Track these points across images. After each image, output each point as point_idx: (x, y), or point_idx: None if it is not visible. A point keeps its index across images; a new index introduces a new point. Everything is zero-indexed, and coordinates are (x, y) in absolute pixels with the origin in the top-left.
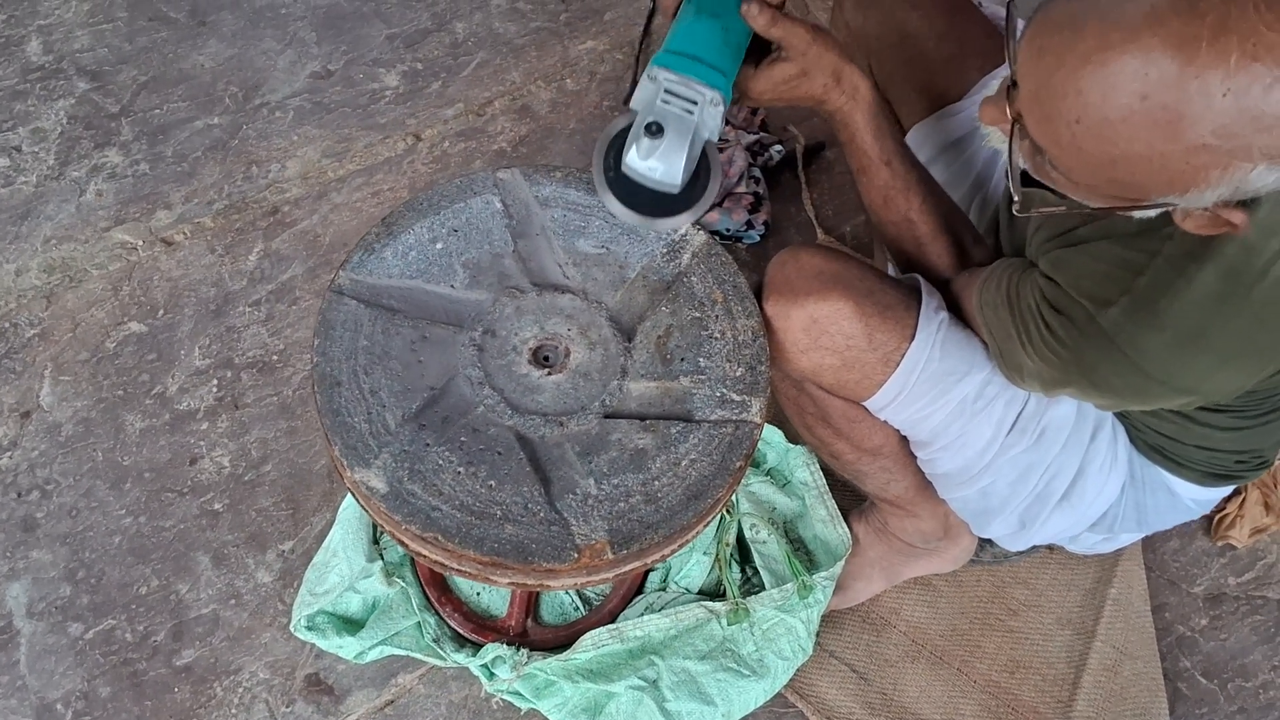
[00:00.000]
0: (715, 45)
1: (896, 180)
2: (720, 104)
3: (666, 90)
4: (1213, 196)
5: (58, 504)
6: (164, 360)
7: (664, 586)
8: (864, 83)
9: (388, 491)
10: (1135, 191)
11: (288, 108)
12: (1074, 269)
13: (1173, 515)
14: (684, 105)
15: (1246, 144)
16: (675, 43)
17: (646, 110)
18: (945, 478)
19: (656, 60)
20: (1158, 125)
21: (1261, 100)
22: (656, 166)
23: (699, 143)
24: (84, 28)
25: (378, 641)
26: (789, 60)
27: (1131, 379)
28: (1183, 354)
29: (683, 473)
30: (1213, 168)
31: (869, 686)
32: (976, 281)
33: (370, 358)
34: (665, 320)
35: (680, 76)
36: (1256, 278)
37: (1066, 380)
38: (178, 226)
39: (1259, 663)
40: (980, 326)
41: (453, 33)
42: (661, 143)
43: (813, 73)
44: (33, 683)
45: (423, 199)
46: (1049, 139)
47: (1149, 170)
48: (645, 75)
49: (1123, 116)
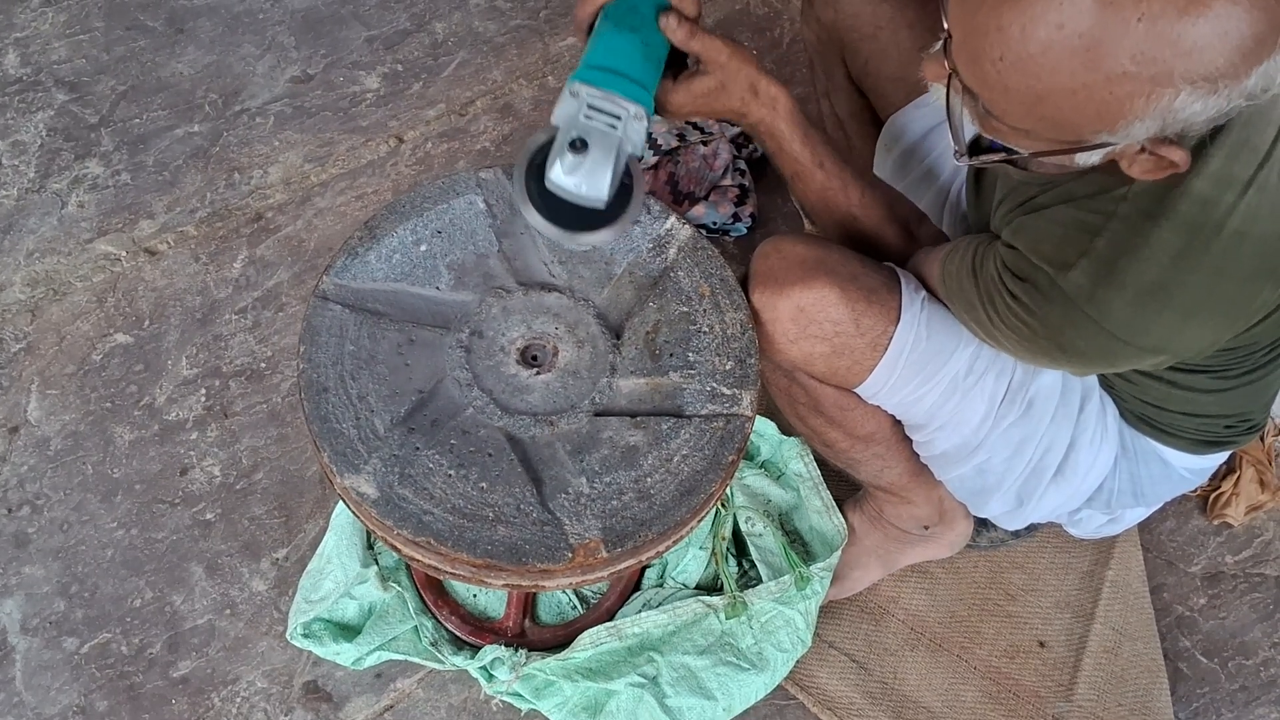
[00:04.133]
0: (636, 59)
1: (833, 180)
2: (644, 118)
3: (590, 105)
4: (1143, 130)
5: (49, 518)
6: (151, 371)
7: (661, 583)
8: (781, 93)
9: (378, 497)
10: (1069, 130)
11: (268, 113)
12: (1033, 234)
13: (1168, 486)
14: (608, 120)
15: (1167, 69)
16: (595, 57)
17: (569, 126)
18: (943, 457)
19: (577, 75)
20: (1076, 55)
21: (1177, 24)
22: (582, 182)
23: (623, 157)
24: (61, 39)
25: (375, 647)
26: (707, 74)
27: (1097, 340)
28: (1144, 312)
29: (675, 468)
30: (1136, 96)
31: (869, 676)
32: (938, 256)
33: (357, 363)
34: (653, 316)
35: (603, 92)
36: (1213, 232)
37: (1035, 348)
38: (161, 236)
39: (1259, 640)
40: (945, 298)
41: (432, 33)
42: (586, 158)
43: (730, 86)
44: (29, 699)
45: (405, 201)
46: (978, 81)
47: (1074, 103)
48: (566, 90)
49: (1042, 48)
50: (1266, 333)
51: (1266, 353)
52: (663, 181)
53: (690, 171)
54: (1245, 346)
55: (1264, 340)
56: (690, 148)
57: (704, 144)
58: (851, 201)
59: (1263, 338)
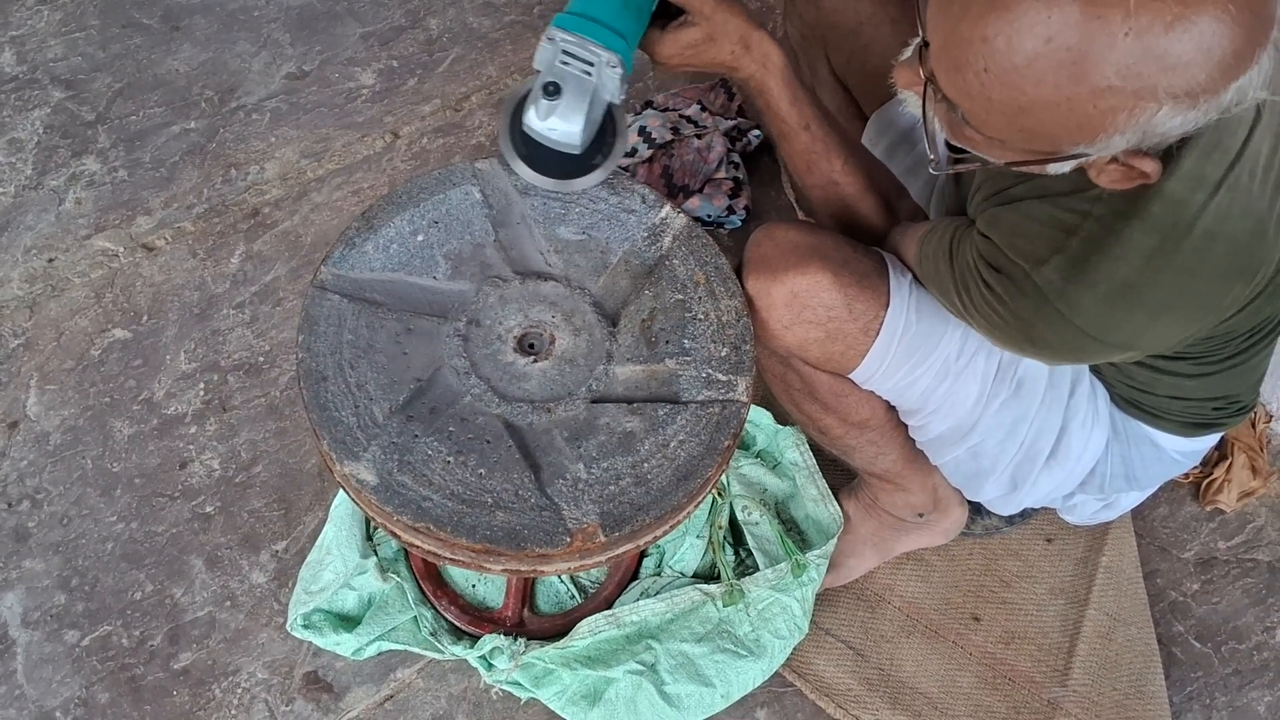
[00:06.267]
0: (615, 7)
1: (816, 144)
2: (618, 65)
3: (564, 51)
4: (1121, 143)
5: (49, 513)
6: (150, 366)
7: (659, 571)
8: (775, 49)
9: (378, 484)
10: (1047, 142)
11: (264, 110)
12: (1008, 227)
13: (1160, 469)
14: (581, 66)
15: (1151, 84)
16: (576, 4)
17: (546, 71)
18: (938, 441)
19: (556, 21)
20: (1063, 67)
21: (1163, 38)
22: (555, 126)
23: (600, 104)
24: (57, 37)
25: (375, 637)
26: (695, 25)
27: (1066, 335)
28: (1114, 310)
29: (672, 454)
30: (1119, 110)
31: (866, 662)
32: (915, 236)
33: (355, 351)
34: (649, 304)
35: (577, 37)
36: (1184, 231)
37: (1005, 336)
38: (158, 232)
39: (1251, 625)
40: (921, 278)
41: (427, 29)
42: (559, 103)
43: (719, 38)
44: (31, 691)
45: (402, 192)
46: (959, 91)
47: (1057, 116)
48: (545, 36)
49: (1028, 61)
50: (1243, 322)
51: (1246, 339)
52: (657, 174)
53: (685, 164)
54: (1222, 335)
55: (1241, 329)
56: (684, 141)
57: (698, 137)
58: (834, 168)
59: (1240, 327)
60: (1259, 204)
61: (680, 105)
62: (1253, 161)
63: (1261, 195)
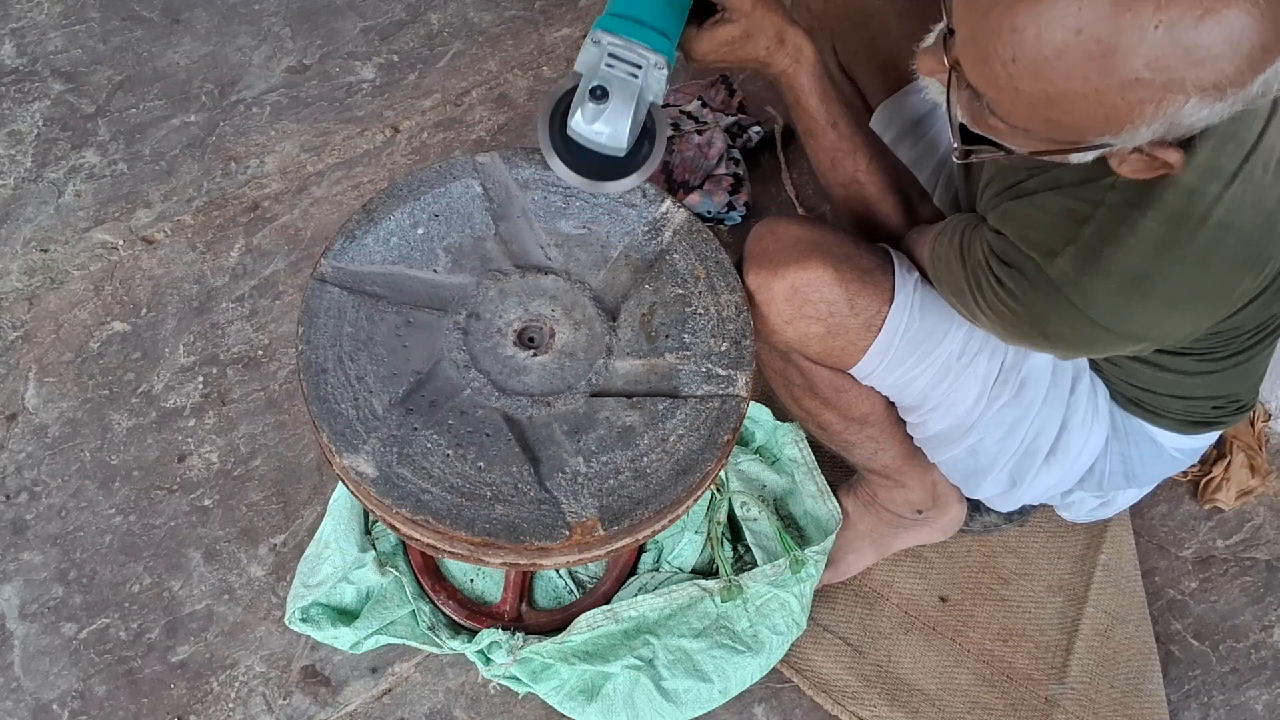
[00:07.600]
0: (658, 7)
1: (843, 142)
2: (665, 67)
3: (610, 54)
4: (1147, 134)
5: (47, 505)
6: (149, 359)
7: (657, 567)
8: (808, 45)
9: (377, 476)
10: (1072, 132)
11: (264, 103)
12: (1020, 220)
13: (1159, 467)
14: (628, 69)
15: (1179, 77)
16: (618, 5)
17: (590, 74)
18: (936, 438)
19: (599, 24)
20: (1092, 59)
21: (1193, 31)
22: (602, 130)
23: (644, 106)
24: (57, 29)
25: (373, 631)
26: (732, 22)
27: (1080, 328)
28: (1128, 301)
29: (671, 448)
30: (1147, 102)
31: (863, 659)
32: (929, 236)
33: (355, 344)
34: (649, 298)
35: (624, 40)
36: (1199, 222)
37: (1020, 332)
38: (158, 225)
39: (1249, 623)
40: (934, 280)
41: (427, 23)
42: (606, 107)
43: (755, 35)
44: (28, 684)
45: (402, 185)
46: (986, 81)
47: (1085, 107)
48: (589, 39)
49: (1057, 52)
50: (1250, 317)
51: (1251, 335)
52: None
53: (685, 160)
54: (1229, 330)
55: (1248, 325)
56: (685, 136)
57: (699, 133)
58: (859, 166)
59: (1247, 322)
60: (1270, 197)
61: (681, 101)
62: (1267, 154)
63: (1274, 188)
